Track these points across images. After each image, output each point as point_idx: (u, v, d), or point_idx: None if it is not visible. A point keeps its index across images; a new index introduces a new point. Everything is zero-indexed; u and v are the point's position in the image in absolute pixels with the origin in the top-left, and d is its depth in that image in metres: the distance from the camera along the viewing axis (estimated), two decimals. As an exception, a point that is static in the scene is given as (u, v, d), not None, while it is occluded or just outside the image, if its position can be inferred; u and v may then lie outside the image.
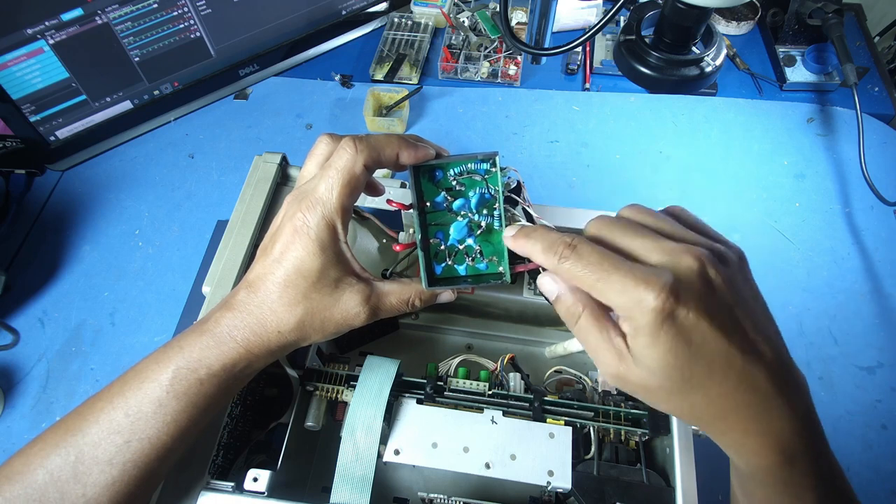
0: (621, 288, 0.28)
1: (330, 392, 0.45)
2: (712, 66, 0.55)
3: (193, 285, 0.70)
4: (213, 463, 0.41)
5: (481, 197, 0.38)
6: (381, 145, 0.36)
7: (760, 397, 0.29)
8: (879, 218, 0.75)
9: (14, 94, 0.71)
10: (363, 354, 0.46)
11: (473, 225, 0.39)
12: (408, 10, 0.96)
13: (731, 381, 0.29)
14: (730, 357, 0.28)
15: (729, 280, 0.30)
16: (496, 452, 0.42)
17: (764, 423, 0.29)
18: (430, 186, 0.39)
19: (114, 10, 0.72)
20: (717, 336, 0.28)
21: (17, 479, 0.34)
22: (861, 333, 0.67)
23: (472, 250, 0.39)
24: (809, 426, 0.31)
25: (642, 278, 0.28)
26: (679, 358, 0.28)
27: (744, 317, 0.29)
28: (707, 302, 0.28)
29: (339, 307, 0.37)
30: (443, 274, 0.40)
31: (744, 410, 0.29)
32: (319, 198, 0.35)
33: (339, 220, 0.36)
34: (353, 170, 0.35)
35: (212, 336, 0.36)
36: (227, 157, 0.82)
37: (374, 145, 0.36)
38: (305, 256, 0.35)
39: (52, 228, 0.76)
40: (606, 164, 0.80)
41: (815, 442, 0.31)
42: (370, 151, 0.36)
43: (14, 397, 0.64)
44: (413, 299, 0.39)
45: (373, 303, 0.38)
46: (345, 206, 0.36)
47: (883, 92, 0.86)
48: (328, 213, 0.35)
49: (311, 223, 0.35)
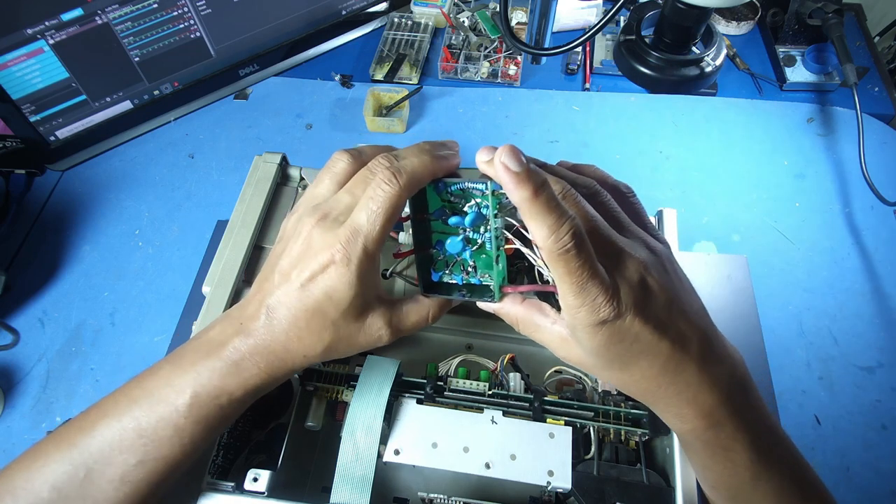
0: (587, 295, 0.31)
1: (330, 392, 0.45)
2: (712, 66, 0.55)
3: (193, 285, 0.70)
4: (213, 463, 0.41)
5: (478, 214, 0.37)
6: (419, 172, 0.35)
7: (684, 375, 0.33)
8: (879, 218, 0.75)
9: (14, 94, 0.71)
10: (363, 354, 0.46)
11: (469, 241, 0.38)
12: (408, 10, 0.96)
13: (658, 366, 0.33)
14: (659, 348, 0.32)
15: (662, 283, 0.33)
16: (496, 452, 0.42)
17: (689, 395, 0.33)
18: (434, 196, 0.38)
19: (114, 10, 0.72)
20: (648, 334, 0.32)
21: (21, 496, 0.34)
22: (861, 333, 0.67)
23: (468, 264, 0.39)
24: (736, 394, 0.34)
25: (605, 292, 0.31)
26: (611, 350, 0.32)
27: (675, 311, 0.33)
28: (643, 307, 0.32)
29: (364, 332, 0.37)
30: (440, 281, 0.40)
31: (670, 387, 0.33)
32: (360, 229, 0.34)
33: (380, 250, 0.35)
34: (398, 203, 0.34)
35: (233, 365, 0.35)
36: (227, 157, 0.82)
37: (414, 176, 0.35)
38: (340, 287, 0.34)
39: (52, 228, 0.77)
40: (606, 164, 0.79)
41: (743, 408, 0.34)
42: (411, 183, 0.34)
43: (14, 397, 0.64)
44: (433, 314, 0.40)
45: (394, 324, 0.38)
46: (384, 238, 0.35)
47: (883, 92, 0.86)
48: (370, 245, 0.34)
49: (352, 255, 0.33)
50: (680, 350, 0.32)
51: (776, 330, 0.66)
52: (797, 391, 0.63)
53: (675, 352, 0.32)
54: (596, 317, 0.31)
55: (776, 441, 0.36)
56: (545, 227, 0.30)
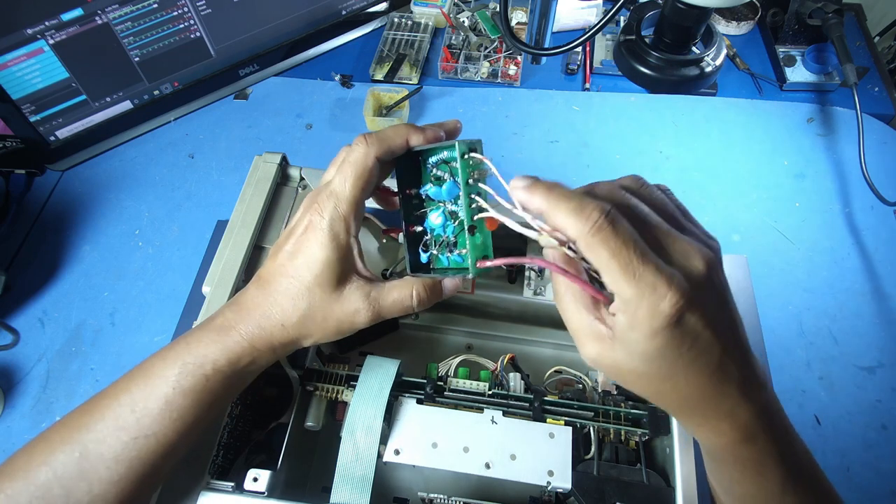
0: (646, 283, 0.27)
1: (330, 392, 0.45)
2: (712, 66, 0.55)
3: (193, 285, 0.70)
4: (213, 463, 0.41)
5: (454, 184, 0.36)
6: (390, 135, 0.37)
7: (727, 386, 0.31)
8: (879, 218, 0.75)
9: (14, 94, 0.71)
10: (363, 354, 0.46)
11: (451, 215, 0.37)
12: (408, 10, 0.96)
13: (707, 373, 0.30)
14: (713, 353, 0.29)
15: (723, 282, 0.31)
16: (496, 452, 0.42)
17: (728, 407, 0.31)
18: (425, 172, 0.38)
19: (114, 10, 0.72)
20: (709, 336, 0.29)
21: (20, 477, 0.34)
22: (861, 333, 0.67)
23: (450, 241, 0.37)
24: (769, 408, 0.32)
25: (666, 279, 0.27)
26: (670, 353, 0.29)
27: (729, 314, 0.31)
28: (709, 306, 0.29)
29: (340, 305, 0.37)
30: (428, 262, 0.39)
31: (713, 398, 0.31)
32: (333, 191, 0.36)
33: (352, 212, 0.36)
34: (365, 162, 0.36)
35: (217, 331, 0.37)
36: (227, 157, 0.82)
37: (383, 137, 0.37)
38: (316, 248, 0.36)
39: (52, 228, 0.76)
40: (606, 164, 0.80)
41: (775, 423, 0.33)
42: (380, 143, 0.36)
43: (14, 397, 0.64)
44: (418, 292, 0.38)
45: (374, 302, 0.38)
46: (357, 198, 0.36)
47: (883, 92, 0.86)
48: (341, 204, 0.36)
49: (324, 215, 0.36)
50: (728, 357, 0.30)
51: (776, 330, 0.66)
52: (797, 391, 0.63)
53: (724, 358, 0.30)
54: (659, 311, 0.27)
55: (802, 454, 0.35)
56: (569, 212, 0.28)
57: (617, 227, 0.27)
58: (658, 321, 0.28)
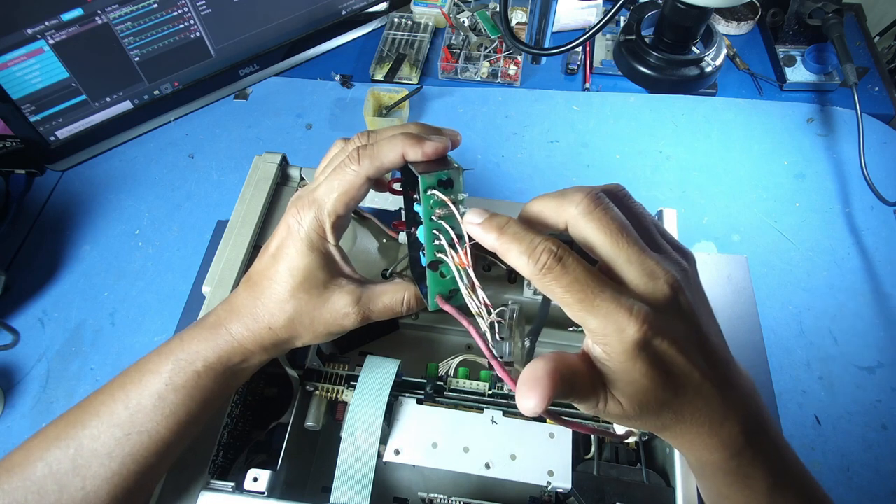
0: (604, 314, 0.28)
1: (330, 392, 0.45)
2: (712, 66, 0.55)
3: (193, 285, 0.70)
4: (213, 463, 0.41)
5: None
6: (386, 151, 0.35)
7: (710, 404, 0.31)
8: (879, 218, 0.75)
9: (14, 94, 0.71)
10: (363, 354, 0.46)
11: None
12: (408, 10, 0.96)
13: (689, 395, 0.30)
14: (690, 374, 0.30)
15: (692, 304, 0.31)
16: (496, 452, 0.42)
17: (714, 425, 0.31)
18: None
19: (114, 10, 0.72)
20: (682, 358, 0.29)
21: (17, 472, 0.35)
22: (861, 333, 0.67)
23: None
24: (754, 422, 0.32)
25: (626, 308, 0.28)
26: (653, 380, 0.29)
27: (702, 334, 0.31)
28: (676, 328, 0.29)
29: (327, 308, 0.37)
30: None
31: (696, 417, 0.31)
32: (317, 199, 0.36)
33: (330, 223, 0.36)
34: (355, 181, 0.36)
35: (209, 329, 0.37)
36: (227, 157, 0.82)
37: (378, 154, 0.35)
38: (294, 255, 0.36)
39: (52, 228, 0.76)
40: (606, 164, 0.80)
41: (761, 436, 0.33)
42: (373, 162, 0.35)
43: (14, 397, 0.64)
44: (408, 300, 0.39)
45: (363, 304, 0.38)
46: (339, 212, 0.36)
47: (883, 92, 0.86)
48: (321, 215, 0.36)
49: (303, 222, 0.36)
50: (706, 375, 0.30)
51: (776, 330, 0.66)
52: (797, 391, 0.63)
53: (704, 377, 0.30)
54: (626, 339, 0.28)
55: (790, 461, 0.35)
56: (519, 254, 0.29)
57: (566, 266, 0.28)
58: (628, 348, 0.28)
